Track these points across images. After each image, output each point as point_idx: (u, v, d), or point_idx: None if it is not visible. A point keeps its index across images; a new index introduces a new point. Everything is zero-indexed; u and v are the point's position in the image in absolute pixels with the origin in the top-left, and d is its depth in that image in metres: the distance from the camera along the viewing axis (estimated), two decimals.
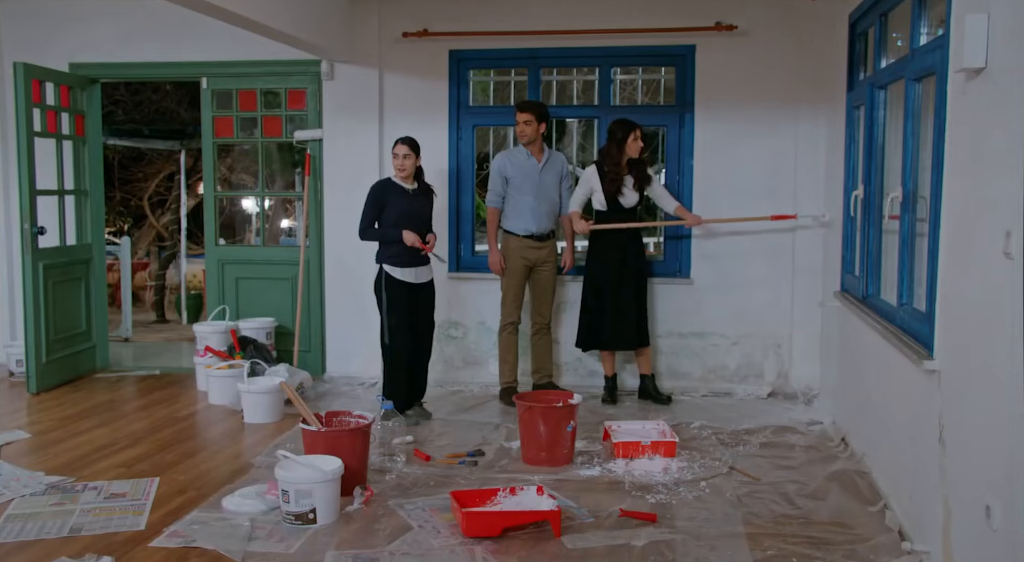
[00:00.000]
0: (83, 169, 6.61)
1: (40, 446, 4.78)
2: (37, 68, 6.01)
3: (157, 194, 12.94)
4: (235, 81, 6.51)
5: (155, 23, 6.37)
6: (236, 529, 3.65)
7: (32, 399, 5.83)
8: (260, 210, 8.49)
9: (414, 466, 4.45)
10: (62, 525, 3.69)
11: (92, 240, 6.67)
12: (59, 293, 6.21)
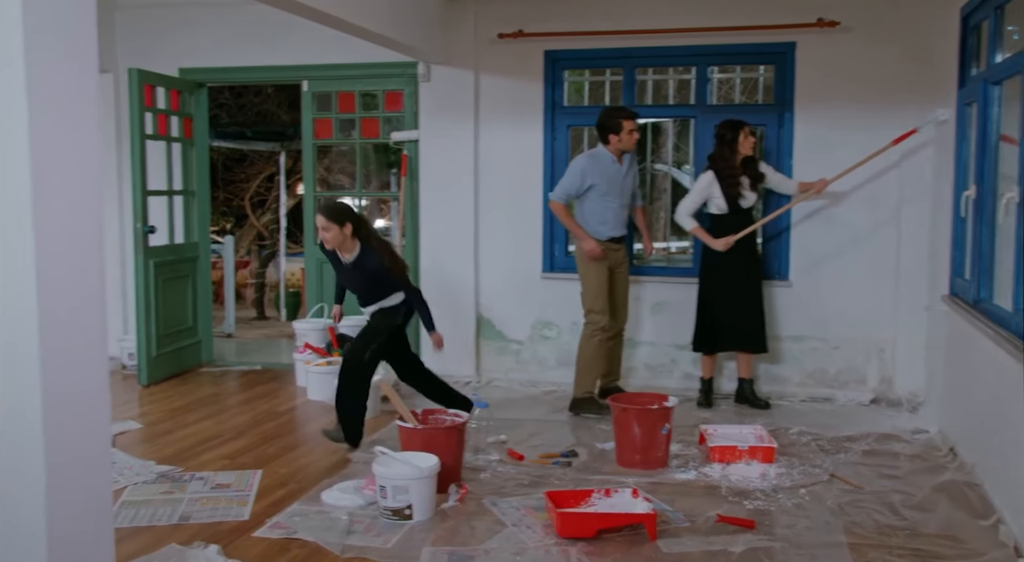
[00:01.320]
0: (191, 170, 6.86)
1: (151, 436, 4.98)
2: (149, 74, 6.26)
3: (257, 194, 13.32)
4: (334, 83, 6.66)
5: (258, 28, 6.56)
6: (335, 522, 3.73)
7: (143, 391, 6.07)
8: (365, 210, 8.67)
9: (507, 465, 4.48)
10: (172, 513, 3.84)
11: (198, 239, 6.92)
12: (168, 290, 6.45)
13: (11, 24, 2.36)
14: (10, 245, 2.44)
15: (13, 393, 2.48)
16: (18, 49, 2.37)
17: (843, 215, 5.83)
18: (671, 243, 9.78)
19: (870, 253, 5.79)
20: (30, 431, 2.48)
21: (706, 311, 5.64)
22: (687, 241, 6.63)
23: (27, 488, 2.50)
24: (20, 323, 2.46)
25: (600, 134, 5.50)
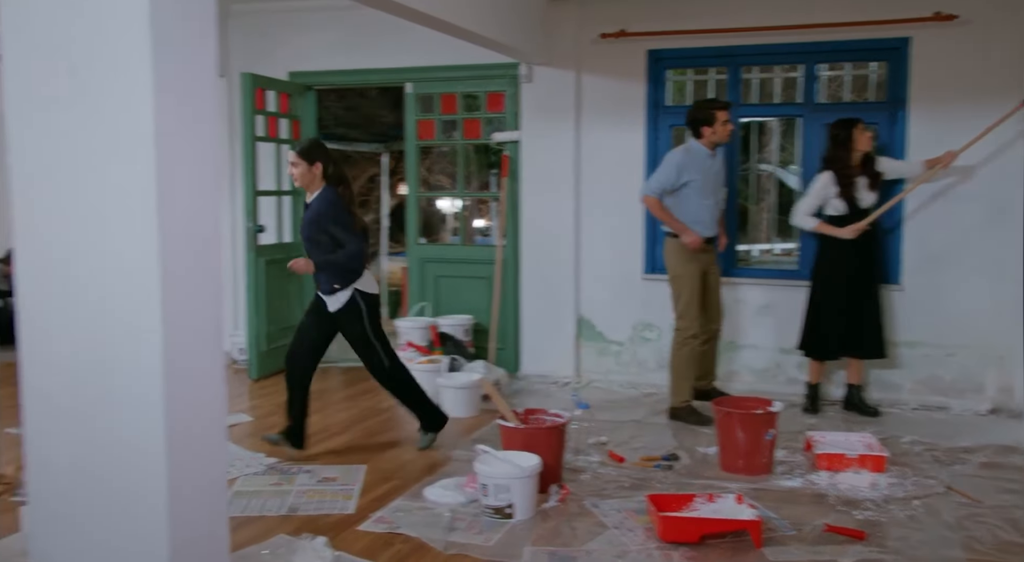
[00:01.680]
0: None
1: (260, 429, 5.14)
2: (261, 78, 6.46)
3: (360, 194, 13.61)
4: (437, 85, 6.74)
5: (364, 32, 6.68)
6: (437, 519, 3.78)
7: (253, 385, 6.27)
8: (460, 210, 8.76)
9: (608, 467, 4.45)
10: (281, 504, 3.95)
11: None
12: (276, 287, 6.65)
13: (140, 31, 2.47)
14: (136, 244, 2.55)
15: (137, 385, 2.59)
16: (146, 55, 2.47)
17: (960, 210, 5.60)
18: (775, 245, 9.58)
19: (989, 253, 5.54)
20: (152, 421, 2.58)
21: (819, 315, 5.47)
22: (793, 242, 6.47)
23: (149, 476, 2.60)
24: (144, 318, 2.56)
25: (692, 128, 5.37)
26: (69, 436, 2.69)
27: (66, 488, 2.71)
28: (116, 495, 2.64)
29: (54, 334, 2.68)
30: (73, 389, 2.66)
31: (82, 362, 2.64)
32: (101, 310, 2.60)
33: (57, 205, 2.63)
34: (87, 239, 2.59)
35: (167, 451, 2.59)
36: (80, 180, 2.58)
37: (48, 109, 2.59)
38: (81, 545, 2.70)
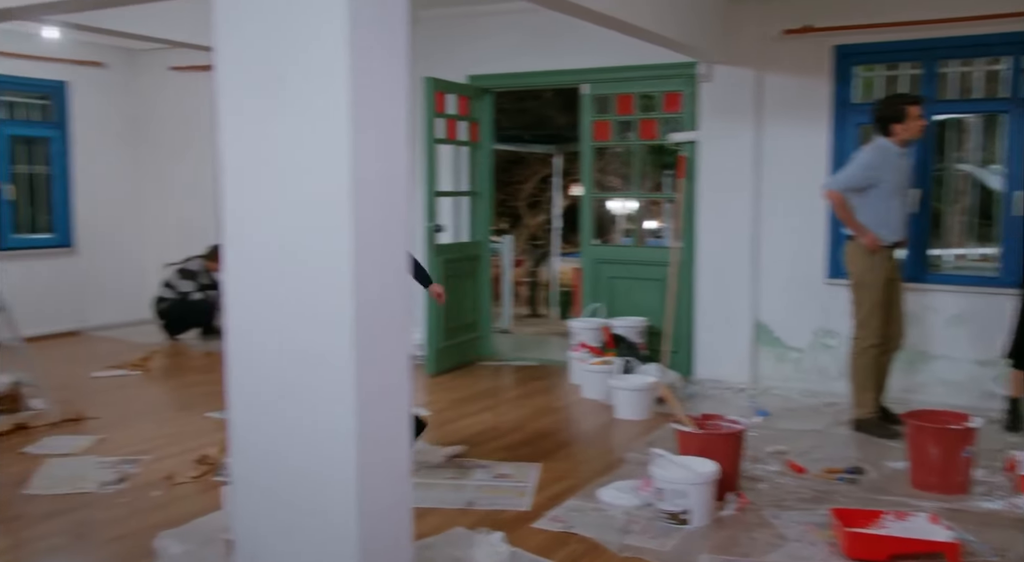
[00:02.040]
0: (476, 172, 7.21)
1: (438, 423, 5.29)
2: (441, 81, 6.65)
3: (531, 195, 13.78)
4: (614, 86, 6.73)
5: (541, 35, 6.76)
6: (611, 520, 3.77)
7: (430, 380, 6.47)
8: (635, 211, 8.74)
9: (788, 477, 4.31)
10: (457, 497, 4.05)
11: (481, 238, 7.26)
12: (452, 286, 6.82)
13: (340, 42, 2.59)
14: (332, 244, 2.67)
15: (331, 377, 2.72)
16: (344, 59, 2.59)
17: None
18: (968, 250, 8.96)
19: None
20: (344, 412, 2.70)
21: None
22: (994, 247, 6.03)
23: (340, 463, 2.72)
24: (338, 314, 2.68)
25: (880, 126, 5.06)
26: (268, 424, 2.85)
27: (265, 472, 2.88)
28: (310, 480, 2.79)
29: (257, 328, 2.85)
30: (273, 379, 2.83)
31: (282, 355, 2.80)
32: (300, 306, 2.74)
33: (262, 207, 2.80)
34: (288, 239, 2.74)
35: (357, 440, 2.71)
36: (283, 184, 2.74)
37: (256, 117, 2.76)
38: (278, 526, 2.87)
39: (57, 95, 8.43)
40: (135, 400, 6.05)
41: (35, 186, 8.51)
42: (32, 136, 8.43)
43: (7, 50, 7.75)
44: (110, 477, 4.33)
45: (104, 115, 8.74)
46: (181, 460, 4.54)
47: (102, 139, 8.74)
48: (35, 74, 8.18)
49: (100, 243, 8.74)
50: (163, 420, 5.59)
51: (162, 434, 5.15)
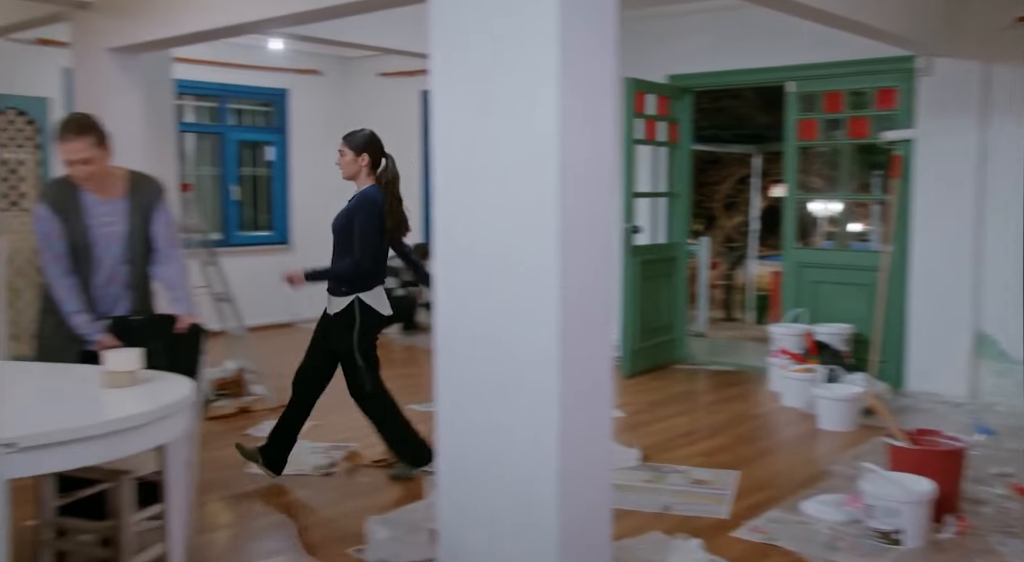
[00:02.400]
0: (674, 173, 7.11)
1: (632, 425, 5.25)
2: (641, 82, 6.61)
3: (728, 196, 13.43)
4: (821, 83, 6.45)
5: (743, 33, 6.58)
6: (816, 535, 3.61)
7: (625, 382, 6.44)
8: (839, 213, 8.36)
9: (1015, 502, 3.97)
10: (654, 501, 4.00)
11: (678, 239, 7.15)
12: (649, 288, 6.77)
13: (549, 37, 2.62)
14: (538, 243, 2.71)
15: (535, 377, 2.75)
16: (554, 61, 2.61)
17: None
18: None
19: None
20: (547, 410, 2.73)
21: None
22: None
23: (542, 460, 2.75)
24: (543, 313, 2.71)
25: None
26: (473, 419, 2.93)
27: (469, 465, 2.96)
28: (512, 475, 2.83)
29: (464, 325, 2.93)
30: (478, 376, 2.90)
31: (487, 351, 2.86)
32: (506, 304, 2.80)
33: (471, 206, 2.87)
34: (497, 237, 2.80)
35: (560, 438, 2.73)
36: (492, 183, 2.80)
37: (467, 119, 2.84)
38: (480, 518, 2.94)
39: (279, 102, 9.04)
40: (343, 390, 6.36)
41: (257, 187, 9.17)
42: (255, 140, 9.08)
43: (237, 62, 8.38)
44: (322, 461, 4.58)
45: (319, 120, 9.28)
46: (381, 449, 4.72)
47: (316, 142, 9.28)
48: (260, 83, 8.80)
49: (313, 240, 9.27)
50: None
51: (368, 423, 5.39)
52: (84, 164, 3.18)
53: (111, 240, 3.34)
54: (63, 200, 3.26)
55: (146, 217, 3.40)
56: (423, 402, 5.81)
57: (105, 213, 3.32)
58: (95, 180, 3.26)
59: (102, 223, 3.31)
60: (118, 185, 3.36)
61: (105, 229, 3.32)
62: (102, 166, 3.26)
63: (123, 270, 3.39)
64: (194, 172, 8.47)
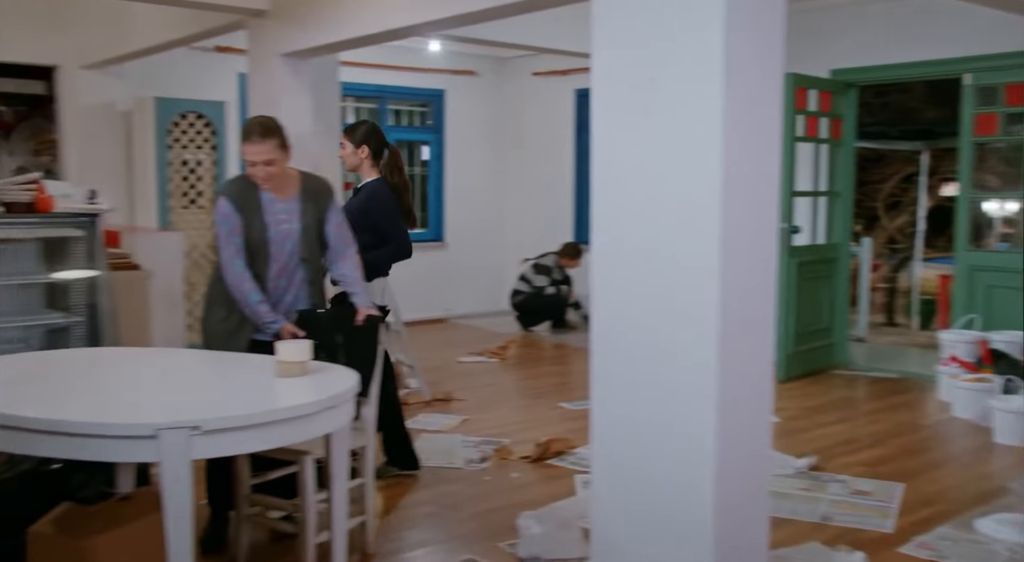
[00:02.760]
0: (836, 171, 6.85)
1: (788, 431, 5.10)
2: (803, 77, 6.39)
3: (891, 195, 12.81)
4: (1003, 74, 6.05)
5: (914, 24, 6.26)
6: (993, 556, 3.40)
7: (779, 386, 6.25)
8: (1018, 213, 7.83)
9: None
10: (812, 510, 3.87)
11: (839, 240, 6.89)
12: (807, 290, 6.55)
13: (713, 42, 2.56)
14: (698, 244, 2.66)
15: (692, 378, 2.71)
16: (717, 64, 2.56)
17: None
18: None
19: None
20: (704, 413, 2.68)
21: None
22: None
23: (698, 464, 2.70)
24: (702, 314, 2.66)
25: None
26: (628, 418, 2.90)
27: (623, 465, 2.94)
28: (667, 477, 2.80)
29: (621, 324, 2.91)
30: (635, 376, 2.87)
31: (645, 352, 2.84)
32: (665, 305, 2.76)
33: (630, 206, 2.85)
34: (656, 238, 2.77)
35: (717, 441, 2.67)
36: (652, 184, 2.77)
37: (628, 119, 2.82)
38: (634, 518, 2.92)
39: (436, 103, 9.27)
40: (494, 386, 6.48)
41: (412, 186, 9.42)
42: (412, 140, 9.34)
43: (396, 64, 8.65)
44: (474, 455, 4.67)
45: (474, 120, 9.46)
46: (531, 446, 4.76)
47: (471, 142, 9.47)
48: (418, 84, 9.04)
49: (466, 238, 9.48)
50: (519, 406, 5.93)
51: (518, 420, 5.47)
52: (266, 165, 3.33)
53: (285, 237, 3.48)
54: (244, 197, 3.43)
55: (319, 216, 3.54)
56: (573, 400, 5.84)
57: (280, 211, 3.47)
58: (273, 180, 3.42)
59: (277, 221, 3.47)
60: (292, 185, 3.52)
61: (280, 226, 3.47)
62: (281, 167, 3.41)
63: (297, 266, 3.53)
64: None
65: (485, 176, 9.63)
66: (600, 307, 2.99)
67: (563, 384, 6.56)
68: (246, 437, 2.42)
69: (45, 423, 2.28)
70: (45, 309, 4.54)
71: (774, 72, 2.73)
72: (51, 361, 3.35)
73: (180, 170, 7.07)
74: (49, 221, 4.27)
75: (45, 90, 7.01)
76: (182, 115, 7.03)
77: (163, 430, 2.24)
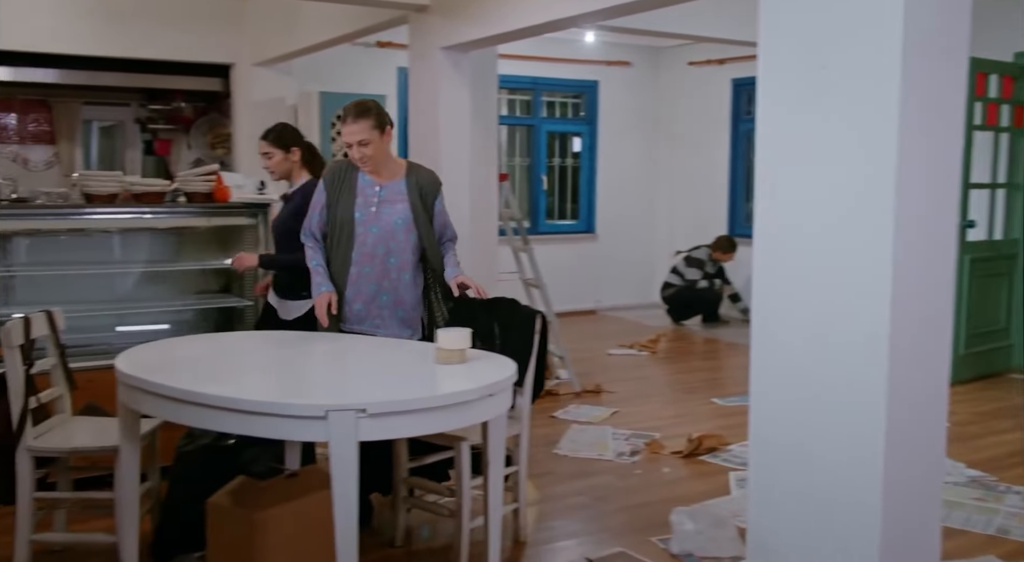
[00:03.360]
0: (1017, 162, 6.41)
1: (958, 437, 4.81)
2: (983, 61, 6.00)
3: None
4: None
5: None
6: None
7: (950, 390, 5.91)
8: None
9: None
10: (987, 522, 3.66)
11: (1018, 235, 6.44)
12: (981, 288, 6.16)
13: (892, 26, 2.44)
14: (868, 238, 2.54)
15: (860, 376, 2.59)
16: (896, 50, 2.44)
17: None
18: None
19: None
20: (873, 411, 2.57)
21: None
22: None
23: (865, 464, 2.59)
24: (872, 312, 2.55)
25: None
26: (790, 417, 2.82)
27: (783, 465, 2.86)
28: (832, 478, 2.70)
29: (784, 320, 2.82)
30: (798, 373, 2.78)
31: (809, 349, 2.74)
32: (832, 301, 2.66)
33: (796, 198, 2.76)
34: (823, 231, 2.67)
35: (886, 443, 2.56)
36: (820, 175, 2.67)
37: (795, 108, 2.73)
38: (794, 520, 2.83)
39: (589, 94, 9.25)
40: (644, 379, 6.43)
41: (563, 177, 9.45)
42: (564, 131, 9.35)
43: (551, 55, 8.68)
44: (624, 448, 4.65)
45: (626, 111, 9.38)
46: (683, 441, 4.69)
47: (623, 133, 9.39)
48: (571, 76, 9.05)
49: (617, 230, 9.42)
50: (670, 401, 5.86)
51: (669, 414, 5.41)
52: (361, 146, 3.36)
53: (372, 220, 3.43)
54: (339, 177, 3.48)
55: (424, 205, 3.49)
56: (726, 396, 5.73)
57: (374, 194, 3.45)
58: (372, 163, 3.42)
59: (367, 203, 3.45)
60: (397, 172, 3.50)
61: (369, 209, 3.44)
62: (379, 150, 3.39)
63: (391, 254, 3.46)
64: (507, 163, 8.89)
65: (637, 167, 9.54)
66: (762, 301, 2.91)
67: (716, 379, 6.44)
68: (408, 421, 2.50)
69: (225, 401, 2.42)
70: (219, 293, 4.81)
71: (959, 54, 2.59)
72: (226, 342, 3.56)
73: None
74: (225, 210, 4.52)
75: (221, 87, 7.41)
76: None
77: (332, 412, 2.33)
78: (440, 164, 4.97)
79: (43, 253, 4.45)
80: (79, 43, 6.51)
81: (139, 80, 7.19)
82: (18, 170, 7.33)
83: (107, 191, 4.26)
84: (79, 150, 7.68)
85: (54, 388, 3.30)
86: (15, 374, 2.98)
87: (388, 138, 3.45)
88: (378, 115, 3.39)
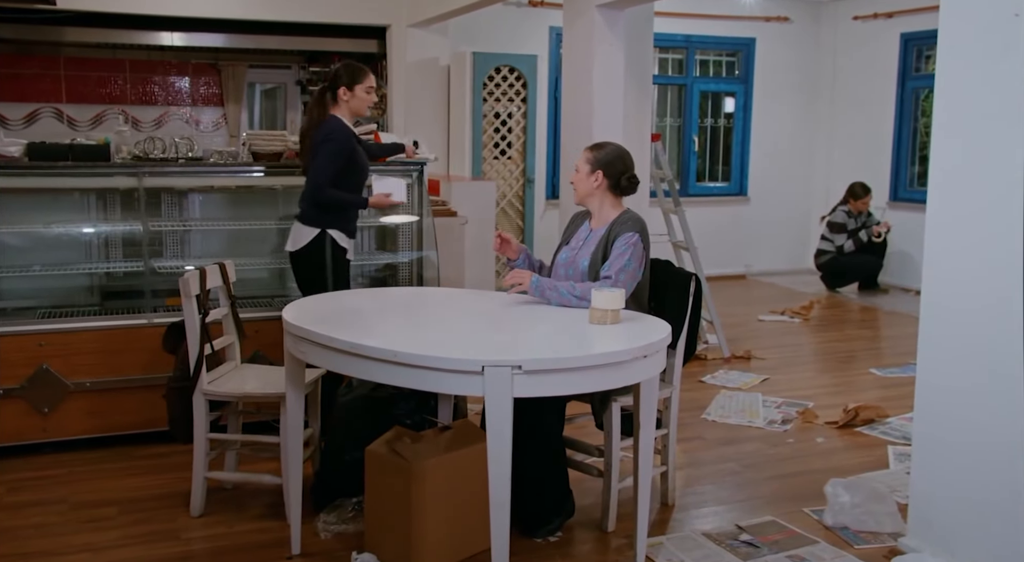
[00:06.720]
0: None
1: None
2: None
3: None
4: None
5: None
6: None
7: None
8: None
9: None
10: None
11: None
12: None
13: None
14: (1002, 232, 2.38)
15: None
16: None
17: None
18: None
19: None
20: None
21: None
22: None
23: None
24: None
25: None
26: (962, 391, 2.69)
27: (950, 443, 2.73)
28: (999, 461, 2.57)
29: (955, 291, 2.68)
30: (970, 346, 2.64)
31: (983, 321, 2.60)
32: (1005, 273, 2.50)
33: (975, 160, 2.59)
34: (1001, 197, 2.51)
35: None
36: (1004, 134, 2.50)
37: (982, 60, 2.55)
38: (960, 496, 2.71)
39: (745, 51, 8.94)
40: (796, 346, 6.24)
41: (714, 138, 9.20)
42: (716, 91, 9.10)
43: (706, 12, 8.44)
44: (776, 416, 4.54)
45: (784, 69, 9.02)
46: (838, 412, 4.53)
47: (780, 93, 9.05)
48: (727, 33, 8.77)
49: (770, 193, 9.13)
50: (823, 370, 5.67)
51: (823, 383, 5.24)
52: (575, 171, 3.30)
53: (567, 264, 3.34)
54: (575, 221, 3.46)
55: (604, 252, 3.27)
56: (886, 367, 5.50)
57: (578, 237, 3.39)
58: (588, 202, 3.32)
59: (570, 246, 3.38)
60: (606, 219, 3.30)
61: (569, 252, 3.37)
62: (587, 188, 3.28)
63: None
64: (657, 123, 8.74)
65: (793, 128, 9.18)
66: (932, 271, 2.77)
67: (873, 349, 6.19)
68: (561, 379, 2.50)
69: (387, 353, 2.50)
70: (378, 250, 4.96)
71: None
72: (384, 297, 3.67)
73: (493, 122, 7.39)
74: (383, 169, 4.63)
75: (378, 48, 7.57)
76: (496, 69, 7.32)
77: (489, 367, 2.37)
78: (592, 124, 4.93)
79: (214, 209, 4.70)
80: (245, 8, 6.78)
81: (300, 43, 7.43)
82: (191, 131, 7.75)
83: (272, 150, 4.45)
84: (244, 112, 8.04)
85: (226, 336, 3.50)
86: (192, 322, 3.18)
87: (600, 182, 3.27)
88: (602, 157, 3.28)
